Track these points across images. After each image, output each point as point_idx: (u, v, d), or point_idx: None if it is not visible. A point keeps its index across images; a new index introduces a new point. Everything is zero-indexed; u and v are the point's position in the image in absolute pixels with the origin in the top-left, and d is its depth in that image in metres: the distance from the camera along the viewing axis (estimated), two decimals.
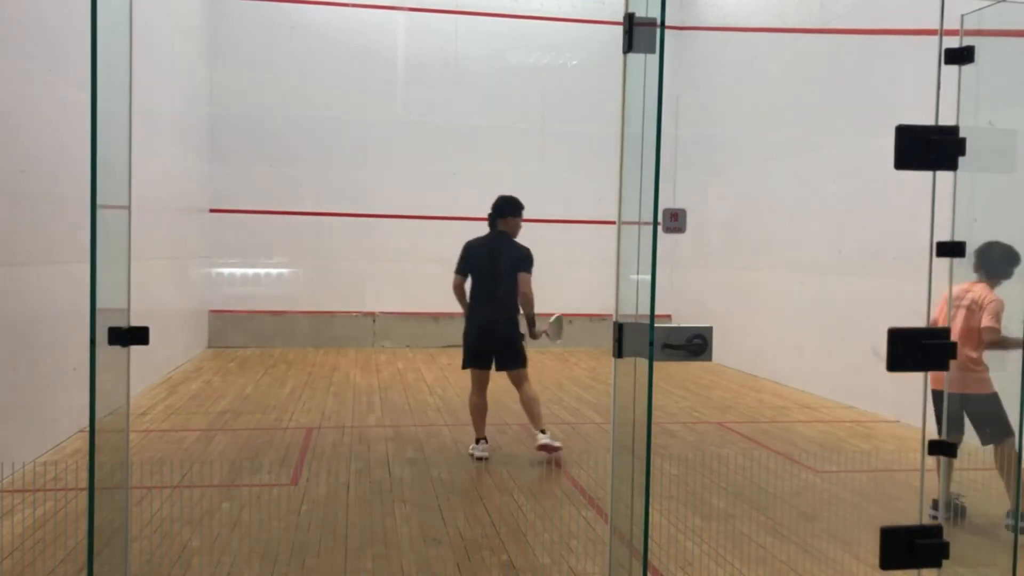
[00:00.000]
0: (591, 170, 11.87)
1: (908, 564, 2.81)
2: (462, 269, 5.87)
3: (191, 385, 8.54)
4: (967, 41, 2.78)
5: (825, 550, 4.18)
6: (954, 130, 2.69)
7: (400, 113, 12.26)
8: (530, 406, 5.71)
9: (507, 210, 5.85)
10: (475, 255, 5.84)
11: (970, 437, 4.00)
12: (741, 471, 5.49)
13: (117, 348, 2.50)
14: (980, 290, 4.33)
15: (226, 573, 3.67)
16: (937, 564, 2.81)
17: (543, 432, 5.67)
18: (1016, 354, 2.89)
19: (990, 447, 4.17)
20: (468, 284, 5.90)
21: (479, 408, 5.84)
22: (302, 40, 11.93)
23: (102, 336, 2.44)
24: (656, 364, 2.30)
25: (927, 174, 2.76)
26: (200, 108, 11.19)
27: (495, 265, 5.76)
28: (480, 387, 5.86)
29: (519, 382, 5.79)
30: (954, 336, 4.06)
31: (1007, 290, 4.19)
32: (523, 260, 5.72)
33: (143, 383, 8.17)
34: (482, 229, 5.93)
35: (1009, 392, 2.94)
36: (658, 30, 2.28)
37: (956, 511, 4.13)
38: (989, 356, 4.26)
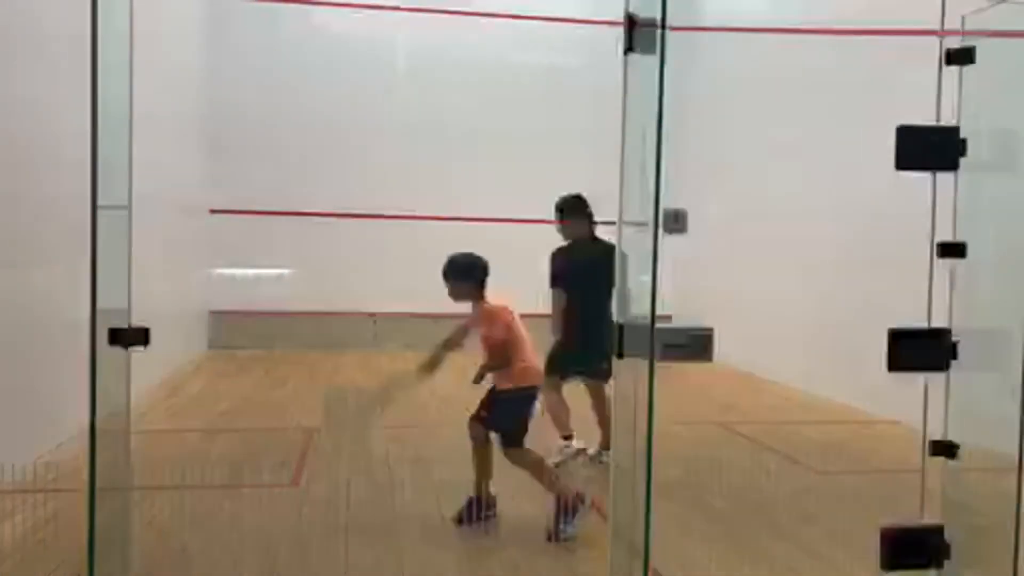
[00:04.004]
0: (591, 170, 11.83)
1: (908, 564, 2.81)
2: None
3: (191, 386, 8.53)
4: (968, 42, 2.78)
5: (826, 551, 4.17)
6: (955, 131, 2.70)
7: (400, 113, 12.24)
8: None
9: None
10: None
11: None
12: (742, 471, 5.48)
13: (117, 348, 2.50)
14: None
15: (226, 574, 3.67)
16: (938, 564, 2.81)
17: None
18: (1016, 353, 2.88)
19: None
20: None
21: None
22: (302, 40, 11.92)
23: (102, 336, 2.44)
24: (656, 364, 2.30)
25: (928, 174, 2.77)
26: (200, 108, 11.18)
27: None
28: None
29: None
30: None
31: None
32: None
33: (143, 384, 8.16)
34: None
35: (1008, 392, 2.93)
36: (658, 31, 2.28)
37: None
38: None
